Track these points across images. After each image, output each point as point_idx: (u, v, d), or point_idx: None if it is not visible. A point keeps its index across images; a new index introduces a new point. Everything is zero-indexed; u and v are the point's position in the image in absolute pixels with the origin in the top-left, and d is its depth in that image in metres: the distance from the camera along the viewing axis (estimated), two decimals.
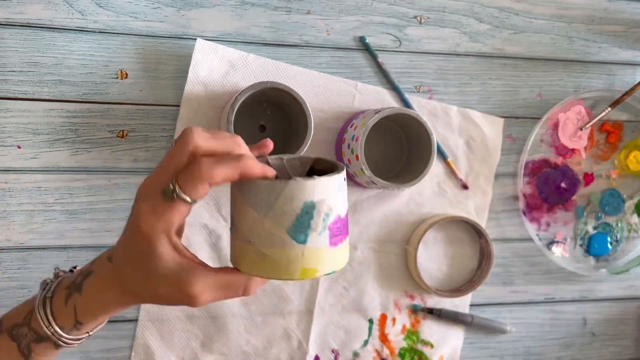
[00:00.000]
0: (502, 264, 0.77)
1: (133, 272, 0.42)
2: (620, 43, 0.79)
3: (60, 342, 0.45)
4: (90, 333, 0.47)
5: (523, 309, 0.78)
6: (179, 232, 0.43)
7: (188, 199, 0.39)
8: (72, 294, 0.44)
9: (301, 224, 0.41)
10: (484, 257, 0.75)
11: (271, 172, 0.42)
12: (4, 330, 0.46)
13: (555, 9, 0.76)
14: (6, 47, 0.61)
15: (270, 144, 0.47)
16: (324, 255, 0.42)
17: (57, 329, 0.45)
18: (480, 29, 0.74)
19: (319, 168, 0.47)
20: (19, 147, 0.62)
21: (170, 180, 0.39)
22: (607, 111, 0.76)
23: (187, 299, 0.41)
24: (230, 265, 0.44)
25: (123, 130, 0.65)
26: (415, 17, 0.72)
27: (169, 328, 0.67)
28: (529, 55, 0.76)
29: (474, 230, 0.74)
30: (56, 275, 0.48)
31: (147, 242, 0.40)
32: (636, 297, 0.82)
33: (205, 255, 0.68)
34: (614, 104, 0.76)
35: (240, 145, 0.42)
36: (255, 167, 0.40)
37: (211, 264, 0.67)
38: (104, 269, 0.44)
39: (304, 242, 0.41)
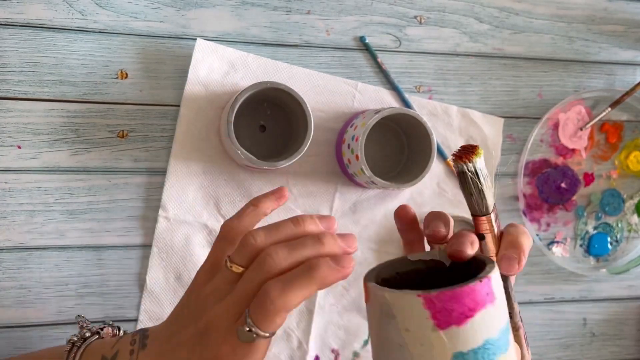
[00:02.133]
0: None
1: None
2: (621, 43, 0.79)
3: None
4: None
5: (523, 309, 0.78)
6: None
7: (267, 334, 0.36)
8: None
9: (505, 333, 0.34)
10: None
11: (349, 267, 0.35)
12: None
13: (555, 9, 0.76)
14: (6, 47, 0.61)
15: (286, 193, 0.43)
16: None
17: None
18: (480, 29, 0.74)
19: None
20: (19, 147, 0.62)
21: (244, 316, 0.36)
22: (607, 111, 0.76)
23: None
24: None
25: (123, 131, 0.65)
26: (415, 17, 0.72)
27: None
28: (529, 55, 0.76)
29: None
30: (82, 336, 0.47)
31: None
32: (636, 297, 0.82)
33: (204, 254, 0.67)
34: (614, 104, 0.76)
35: (316, 245, 0.37)
36: (334, 272, 0.35)
37: None
38: None
39: (505, 350, 0.33)
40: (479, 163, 0.38)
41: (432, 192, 0.74)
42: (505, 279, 0.35)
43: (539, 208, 0.77)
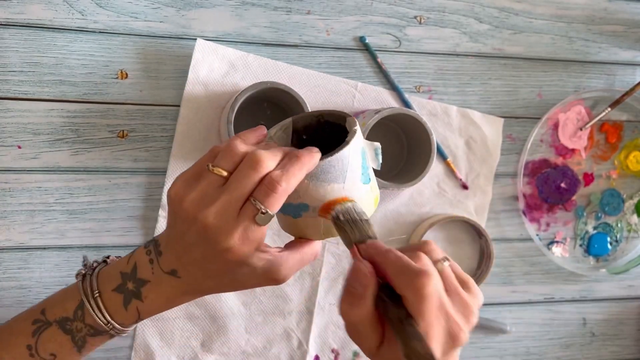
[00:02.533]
0: (502, 264, 0.77)
1: (217, 283, 0.45)
2: (620, 43, 0.79)
3: (117, 334, 0.48)
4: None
5: (523, 309, 0.79)
6: None
7: (273, 214, 0.42)
8: (130, 299, 0.46)
9: (365, 169, 0.46)
10: (484, 257, 0.75)
11: (318, 153, 0.43)
12: (51, 322, 0.48)
13: (555, 9, 0.76)
14: (6, 47, 0.61)
15: (264, 129, 0.48)
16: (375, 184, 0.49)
17: (117, 325, 0.47)
18: (480, 29, 0.74)
19: (301, 125, 0.50)
20: (19, 147, 0.63)
21: (252, 204, 0.41)
22: (607, 111, 0.76)
23: (275, 283, 0.45)
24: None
25: (123, 131, 0.65)
26: (415, 17, 0.72)
27: (169, 328, 0.67)
28: (529, 56, 0.76)
29: (474, 230, 0.74)
30: (90, 267, 0.49)
31: (241, 262, 0.43)
32: (636, 297, 0.82)
33: None
34: (614, 104, 0.76)
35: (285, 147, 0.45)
36: (312, 156, 0.43)
37: None
38: (168, 282, 0.45)
39: (368, 181, 0.47)
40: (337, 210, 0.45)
41: (432, 192, 0.74)
42: None
43: (538, 208, 0.77)
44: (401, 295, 0.36)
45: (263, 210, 0.41)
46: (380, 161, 0.48)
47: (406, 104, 0.72)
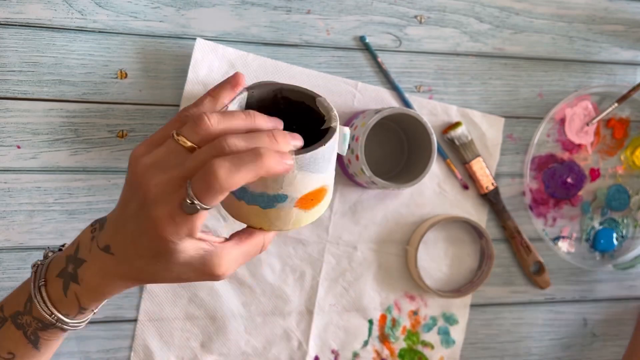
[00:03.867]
0: (502, 264, 0.77)
1: (149, 266, 0.41)
2: (621, 43, 0.79)
3: (67, 327, 0.45)
4: (95, 311, 0.47)
5: (523, 309, 0.78)
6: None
7: (208, 207, 0.38)
8: (69, 284, 0.43)
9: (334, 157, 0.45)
10: (485, 257, 0.75)
11: (290, 164, 0.39)
12: (7, 317, 0.46)
13: (555, 8, 0.76)
14: (5, 47, 0.61)
15: (242, 80, 0.45)
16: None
17: (61, 316, 0.44)
18: (480, 28, 0.74)
19: (256, 99, 0.47)
20: (18, 147, 0.62)
21: (186, 189, 0.37)
22: (614, 106, 0.76)
23: (214, 278, 0.42)
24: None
25: (122, 130, 0.65)
26: (415, 16, 0.72)
27: (168, 328, 0.67)
28: (530, 55, 0.76)
29: (475, 231, 0.74)
30: (45, 257, 0.47)
31: (169, 245, 0.39)
32: (637, 297, 0.82)
33: None
34: (622, 99, 0.75)
35: (263, 138, 0.40)
36: (279, 165, 0.38)
37: None
38: (101, 260, 0.43)
39: (334, 167, 0.46)
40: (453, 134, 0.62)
41: (432, 192, 0.74)
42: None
43: (545, 203, 0.77)
44: None
45: (189, 200, 0.37)
46: (347, 147, 0.47)
47: (406, 103, 0.71)
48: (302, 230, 0.70)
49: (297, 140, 0.41)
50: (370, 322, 0.73)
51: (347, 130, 0.46)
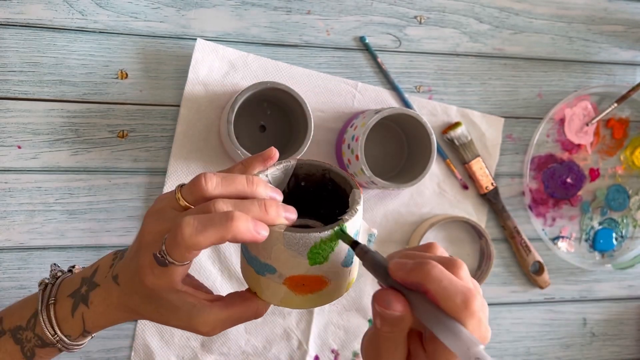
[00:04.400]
0: (502, 264, 0.77)
1: (143, 304, 0.42)
2: (621, 43, 0.79)
3: (65, 349, 0.46)
4: (93, 336, 0.47)
5: (523, 308, 0.78)
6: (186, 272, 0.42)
7: (178, 263, 0.38)
8: (78, 304, 0.44)
9: (351, 251, 0.41)
10: (484, 257, 0.75)
11: (264, 233, 0.38)
12: (6, 330, 0.46)
13: (555, 9, 0.76)
14: (6, 47, 0.61)
15: (275, 155, 0.45)
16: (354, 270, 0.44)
17: (63, 337, 0.45)
18: (480, 29, 0.74)
19: (304, 172, 0.46)
20: (19, 147, 0.63)
21: (162, 243, 0.38)
22: (613, 107, 0.76)
23: (199, 333, 0.42)
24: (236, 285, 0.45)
25: (123, 131, 0.65)
26: (415, 17, 0.72)
27: (168, 328, 0.67)
28: (529, 56, 0.76)
29: (474, 231, 0.74)
30: (54, 276, 0.48)
31: (154, 293, 0.40)
32: (636, 297, 0.82)
33: (204, 254, 0.68)
34: (621, 99, 0.76)
35: (257, 197, 0.40)
36: (248, 232, 0.37)
37: (210, 263, 0.68)
38: (111, 288, 0.43)
39: (349, 264, 0.43)
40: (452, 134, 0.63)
41: (432, 192, 0.74)
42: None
43: (544, 203, 0.77)
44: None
45: (159, 254, 0.38)
46: (371, 249, 0.44)
47: (406, 104, 0.72)
48: None
49: (291, 213, 0.40)
50: (370, 321, 0.73)
51: (374, 232, 0.44)
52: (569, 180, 0.78)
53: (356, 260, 0.43)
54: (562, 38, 0.77)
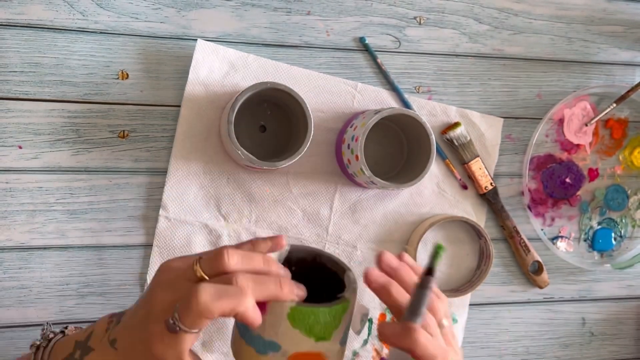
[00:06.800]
0: (501, 264, 0.77)
1: None
2: (620, 43, 0.79)
3: None
4: None
5: (522, 308, 0.79)
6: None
7: (190, 330, 0.39)
8: None
9: (347, 329, 0.45)
10: (484, 257, 0.75)
11: (258, 319, 0.41)
12: None
13: (554, 9, 0.76)
14: (7, 47, 0.61)
15: (283, 242, 0.47)
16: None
17: None
18: (479, 29, 0.74)
19: (295, 257, 0.49)
20: (20, 147, 0.63)
21: (174, 310, 0.39)
22: (612, 107, 0.76)
23: None
24: None
25: (124, 131, 0.65)
26: (414, 17, 0.72)
27: None
28: (529, 56, 0.76)
29: (474, 231, 0.75)
30: (46, 338, 0.47)
31: None
32: (635, 296, 0.83)
33: None
34: (620, 99, 0.76)
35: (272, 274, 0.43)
36: (251, 314, 0.40)
37: None
38: (107, 353, 0.43)
39: (344, 343, 0.46)
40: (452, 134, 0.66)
41: (432, 192, 0.74)
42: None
43: (543, 203, 0.78)
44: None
45: (171, 319, 0.39)
46: (363, 328, 0.48)
47: (406, 104, 0.72)
48: (301, 229, 0.70)
49: (301, 290, 0.44)
50: (370, 321, 0.73)
51: (367, 311, 0.47)
52: (568, 180, 0.78)
53: (347, 339, 0.47)
54: (561, 38, 0.77)
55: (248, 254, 0.43)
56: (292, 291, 0.43)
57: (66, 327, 0.49)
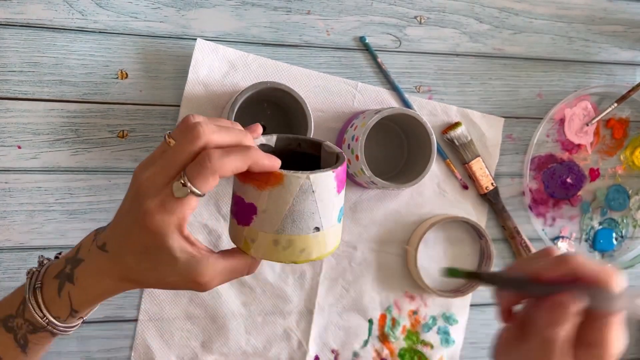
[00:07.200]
0: (502, 264, 0.77)
1: (137, 263, 0.42)
2: (620, 43, 0.79)
3: (57, 331, 0.46)
4: (84, 318, 0.47)
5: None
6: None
7: (199, 192, 0.40)
8: (64, 283, 0.44)
9: (342, 208, 0.45)
10: (484, 257, 0.75)
11: (278, 162, 0.42)
12: None
13: (555, 9, 0.76)
14: (6, 47, 0.61)
15: (259, 129, 0.47)
16: (336, 231, 0.46)
17: (52, 319, 0.45)
18: (480, 29, 0.74)
19: (302, 148, 0.50)
20: (19, 147, 0.63)
21: (180, 175, 0.40)
22: (613, 107, 0.76)
23: (197, 286, 0.43)
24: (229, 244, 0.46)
25: (123, 131, 0.65)
26: (415, 17, 0.72)
27: (169, 328, 0.67)
28: (529, 56, 0.76)
29: (474, 231, 0.74)
30: (41, 264, 0.48)
31: (157, 238, 0.41)
32: None
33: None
34: (621, 99, 0.76)
35: (246, 135, 0.43)
36: (265, 158, 0.41)
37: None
38: (97, 258, 0.44)
39: (339, 220, 0.46)
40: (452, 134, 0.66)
41: (432, 193, 0.74)
42: None
43: (544, 203, 0.77)
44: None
45: (182, 182, 0.39)
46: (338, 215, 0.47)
47: (406, 104, 0.72)
48: None
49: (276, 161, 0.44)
50: (370, 321, 0.73)
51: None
52: (569, 180, 0.78)
53: (342, 220, 0.47)
54: (562, 38, 0.77)
55: (223, 128, 0.43)
56: (272, 162, 0.43)
57: (60, 253, 0.49)
